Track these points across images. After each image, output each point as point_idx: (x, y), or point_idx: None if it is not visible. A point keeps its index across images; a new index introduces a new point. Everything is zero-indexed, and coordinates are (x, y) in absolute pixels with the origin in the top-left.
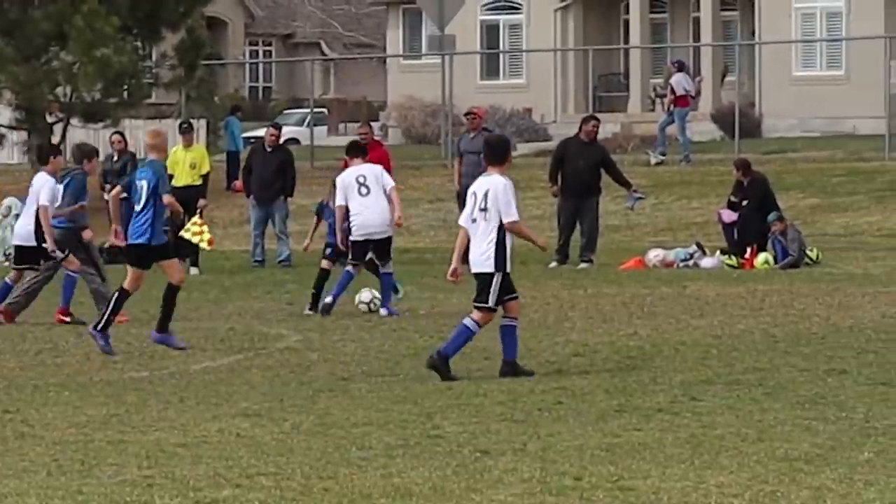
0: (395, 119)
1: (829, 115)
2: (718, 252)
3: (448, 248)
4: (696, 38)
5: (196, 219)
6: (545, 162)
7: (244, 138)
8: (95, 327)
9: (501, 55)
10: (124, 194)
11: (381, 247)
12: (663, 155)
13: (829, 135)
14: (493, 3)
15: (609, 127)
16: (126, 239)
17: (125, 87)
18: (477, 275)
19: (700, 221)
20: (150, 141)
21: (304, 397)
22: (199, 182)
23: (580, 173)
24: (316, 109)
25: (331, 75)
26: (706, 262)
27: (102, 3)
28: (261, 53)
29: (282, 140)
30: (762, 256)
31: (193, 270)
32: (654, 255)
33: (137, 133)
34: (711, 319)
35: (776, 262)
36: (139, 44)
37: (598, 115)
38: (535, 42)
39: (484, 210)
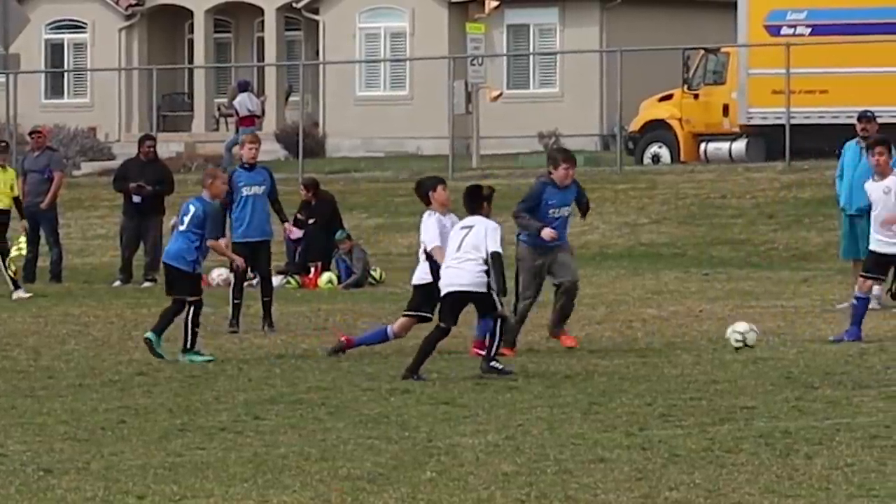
0: None
1: (393, 136)
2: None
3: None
4: (261, 57)
5: None
6: (109, 181)
7: None
8: None
9: (66, 74)
10: None
11: None
12: None
13: (393, 155)
14: (57, 21)
15: (173, 146)
16: None
17: None
18: None
19: None
20: None
21: None
22: None
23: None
24: None
25: None
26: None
27: None
28: None
29: None
30: (326, 276)
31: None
32: (218, 273)
33: None
34: (275, 338)
35: (340, 281)
36: None
37: (161, 135)
38: (99, 61)
39: None
